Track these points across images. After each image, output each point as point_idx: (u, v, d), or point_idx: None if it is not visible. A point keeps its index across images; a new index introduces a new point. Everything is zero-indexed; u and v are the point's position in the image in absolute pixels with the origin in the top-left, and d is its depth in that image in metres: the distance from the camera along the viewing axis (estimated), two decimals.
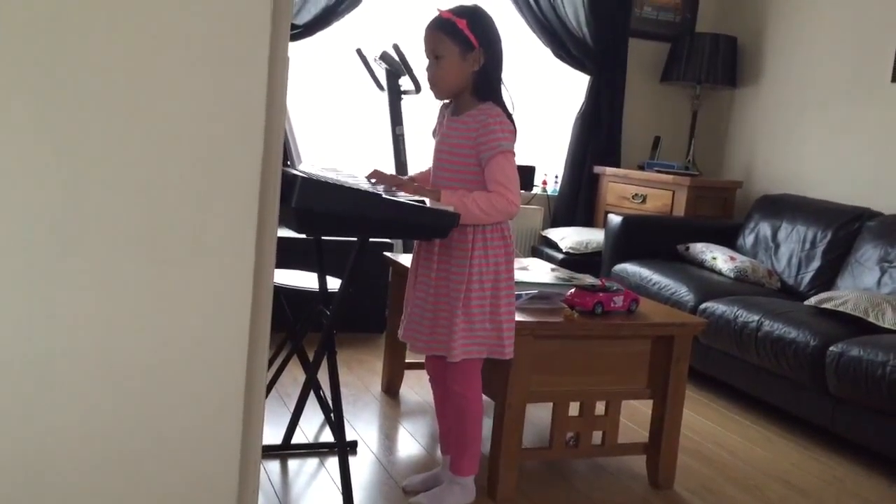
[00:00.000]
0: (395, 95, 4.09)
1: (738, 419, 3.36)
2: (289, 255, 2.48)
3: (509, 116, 2.23)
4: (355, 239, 2.25)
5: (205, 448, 1.03)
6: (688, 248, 4.20)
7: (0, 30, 0.88)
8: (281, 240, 1.11)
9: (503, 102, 2.24)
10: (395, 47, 3.92)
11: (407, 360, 3.29)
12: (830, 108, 4.38)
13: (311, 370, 2.47)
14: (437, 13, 2.21)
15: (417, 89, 3.96)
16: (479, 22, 2.19)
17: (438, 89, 2.25)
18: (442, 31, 2.18)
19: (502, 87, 2.25)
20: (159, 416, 1.00)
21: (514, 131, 2.24)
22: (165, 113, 0.95)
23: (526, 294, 2.52)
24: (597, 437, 2.63)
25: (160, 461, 1.01)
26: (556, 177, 5.07)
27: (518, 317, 2.34)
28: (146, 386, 0.99)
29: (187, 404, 1.01)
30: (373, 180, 2.29)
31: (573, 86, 4.99)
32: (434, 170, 2.35)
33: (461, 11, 2.19)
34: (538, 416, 3.03)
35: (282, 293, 2.63)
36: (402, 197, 2.08)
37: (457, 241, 2.22)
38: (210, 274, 0.99)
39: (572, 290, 2.58)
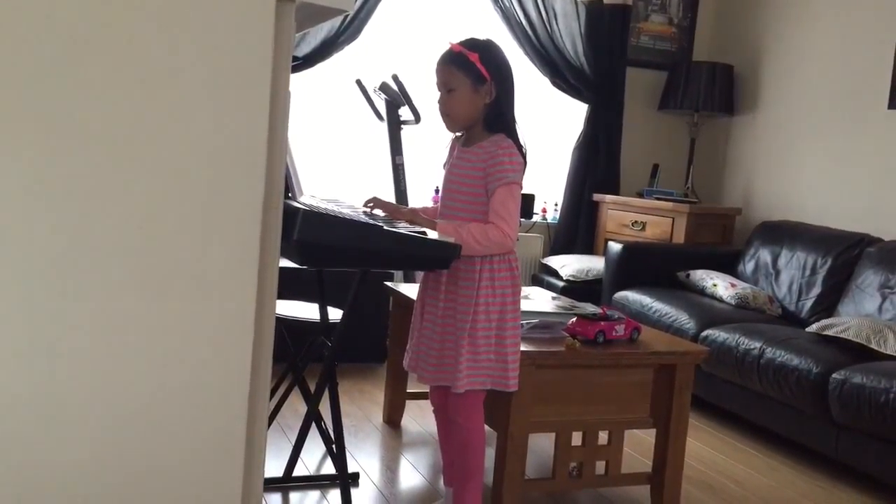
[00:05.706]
0: (395, 126, 4.11)
1: (742, 447, 3.34)
2: (289, 286, 2.48)
3: (521, 151, 2.24)
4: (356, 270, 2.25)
5: (206, 481, 1.02)
6: (688, 276, 4.20)
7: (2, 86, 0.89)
8: (281, 270, 1.11)
9: (516, 136, 2.25)
10: (395, 78, 3.94)
11: (408, 390, 3.27)
12: (828, 134, 4.40)
13: (312, 403, 2.46)
14: (448, 46, 2.23)
15: (417, 120, 3.98)
16: (491, 55, 2.22)
17: (451, 121, 2.26)
18: (454, 64, 2.20)
19: (516, 122, 2.26)
20: (161, 449, 1.00)
21: (524, 164, 2.25)
22: (167, 147, 0.96)
23: (527, 323, 2.52)
24: (600, 467, 2.61)
25: (162, 495, 1.00)
26: (556, 204, 5.09)
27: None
28: (147, 419, 0.99)
29: (189, 437, 1.01)
30: (370, 205, 2.30)
31: (571, 114, 5.02)
32: (443, 199, 2.35)
33: (473, 45, 2.22)
34: (541, 446, 3.01)
35: (283, 324, 2.62)
36: (403, 228, 2.09)
37: (464, 272, 2.22)
38: (212, 307, 1.00)
39: (574, 319, 2.58)
